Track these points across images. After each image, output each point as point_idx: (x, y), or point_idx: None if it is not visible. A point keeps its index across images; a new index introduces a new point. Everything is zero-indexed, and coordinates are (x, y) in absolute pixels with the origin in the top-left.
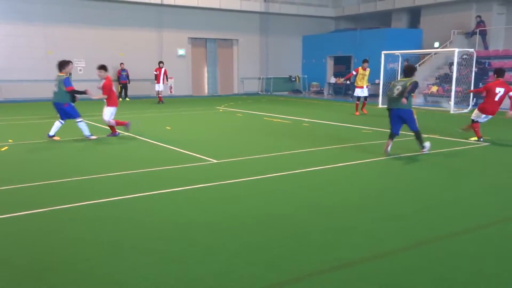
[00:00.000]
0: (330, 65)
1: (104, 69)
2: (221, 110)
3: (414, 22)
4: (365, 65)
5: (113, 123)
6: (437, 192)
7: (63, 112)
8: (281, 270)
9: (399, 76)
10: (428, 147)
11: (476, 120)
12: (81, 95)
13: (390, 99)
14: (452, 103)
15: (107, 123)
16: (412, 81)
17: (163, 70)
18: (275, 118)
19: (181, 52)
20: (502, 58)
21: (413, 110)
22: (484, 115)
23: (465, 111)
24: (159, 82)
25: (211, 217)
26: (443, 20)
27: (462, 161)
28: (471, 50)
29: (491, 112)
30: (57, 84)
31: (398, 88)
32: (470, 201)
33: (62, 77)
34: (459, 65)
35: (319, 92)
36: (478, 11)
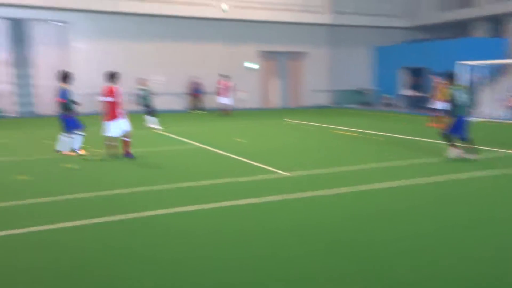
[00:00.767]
0: (402, 76)
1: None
2: (290, 122)
3: (495, 31)
4: (448, 80)
5: (127, 141)
6: None
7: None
8: None
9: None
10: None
11: None
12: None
13: (462, 107)
14: None
15: (121, 138)
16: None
17: (227, 83)
18: (345, 130)
19: (252, 65)
20: None
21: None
22: None
23: None
24: (224, 95)
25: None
26: None
27: None
28: None
29: None
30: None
31: (465, 97)
32: None
33: (62, 88)
34: None
35: (390, 105)
36: None
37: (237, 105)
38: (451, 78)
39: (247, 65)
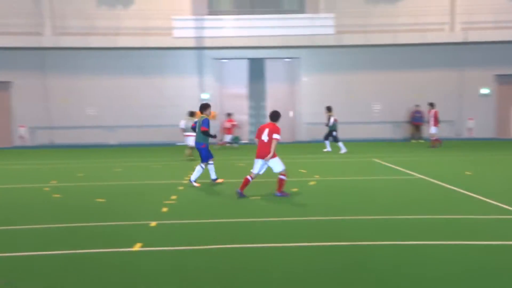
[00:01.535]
0: None
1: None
2: None
3: None
4: None
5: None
6: None
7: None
8: None
9: None
10: None
11: None
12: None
13: None
14: None
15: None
16: None
17: (434, 112)
18: None
19: (484, 91)
20: None
21: None
22: None
23: None
24: (432, 124)
25: None
26: None
27: None
28: None
29: None
30: (197, 125)
31: None
32: None
33: (202, 118)
34: None
35: None
36: None
37: (464, 134)
38: None
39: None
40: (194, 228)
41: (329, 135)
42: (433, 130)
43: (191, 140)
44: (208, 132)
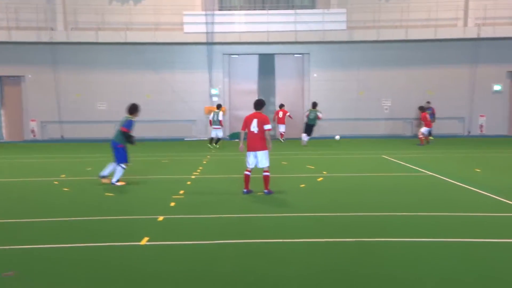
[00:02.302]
0: None
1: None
2: None
3: None
4: None
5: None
6: None
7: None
8: None
9: None
10: None
11: None
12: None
13: None
14: None
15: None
16: None
17: (423, 115)
18: None
19: (497, 87)
20: None
21: None
22: None
23: None
24: (426, 125)
25: None
26: None
27: None
28: None
29: None
30: (119, 124)
31: None
32: None
33: (127, 118)
34: None
35: None
36: None
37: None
38: None
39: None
40: (201, 223)
41: (309, 130)
42: (423, 130)
43: (218, 132)
44: (128, 134)
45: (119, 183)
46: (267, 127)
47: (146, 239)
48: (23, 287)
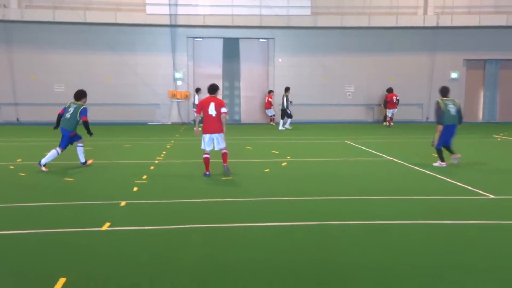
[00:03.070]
0: None
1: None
2: (499, 139)
3: None
4: None
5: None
6: None
7: (67, 140)
8: None
9: None
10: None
11: None
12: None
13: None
14: None
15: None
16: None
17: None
18: None
19: (454, 75)
20: None
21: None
22: None
23: None
24: (389, 107)
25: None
26: None
27: None
28: None
29: None
30: (72, 111)
31: (452, 106)
32: None
33: (81, 105)
34: None
35: None
36: None
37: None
38: None
39: None
40: (164, 208)
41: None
42: (390, 113)
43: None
44: (88, 124)
45: (89, 162)
46: (224, 110)
47: (108, 224)
48: None
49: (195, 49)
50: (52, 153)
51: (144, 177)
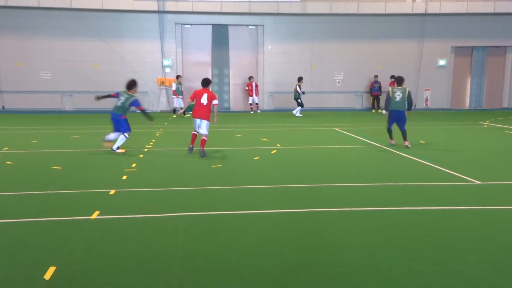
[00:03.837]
0: None
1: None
2: (485, 126)
3: None
4: None
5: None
6: None
7: (120, 122)
8: None
9: None
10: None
11: None
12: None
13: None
14: None
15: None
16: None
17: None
18: None
19: (441, 62)
20: None
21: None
22: None
23: None
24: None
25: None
26: None
27: None
28: None
29: None
30: (123, 100)
31: (399, 94)
32: None
33: (131, 97)
34: None
35: None
36: None
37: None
38: None
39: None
40: (153, 196)
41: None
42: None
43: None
44: (146, 112)
45: (119, 150)
46: (215, 102)
47: (97, 212)
48: None
49: (184, 36)
50: (122, 138)
51: (134, 165)
